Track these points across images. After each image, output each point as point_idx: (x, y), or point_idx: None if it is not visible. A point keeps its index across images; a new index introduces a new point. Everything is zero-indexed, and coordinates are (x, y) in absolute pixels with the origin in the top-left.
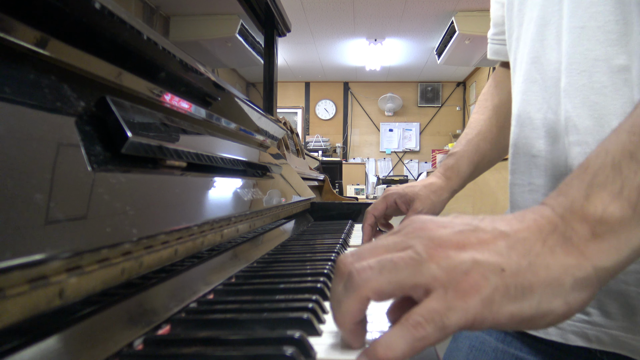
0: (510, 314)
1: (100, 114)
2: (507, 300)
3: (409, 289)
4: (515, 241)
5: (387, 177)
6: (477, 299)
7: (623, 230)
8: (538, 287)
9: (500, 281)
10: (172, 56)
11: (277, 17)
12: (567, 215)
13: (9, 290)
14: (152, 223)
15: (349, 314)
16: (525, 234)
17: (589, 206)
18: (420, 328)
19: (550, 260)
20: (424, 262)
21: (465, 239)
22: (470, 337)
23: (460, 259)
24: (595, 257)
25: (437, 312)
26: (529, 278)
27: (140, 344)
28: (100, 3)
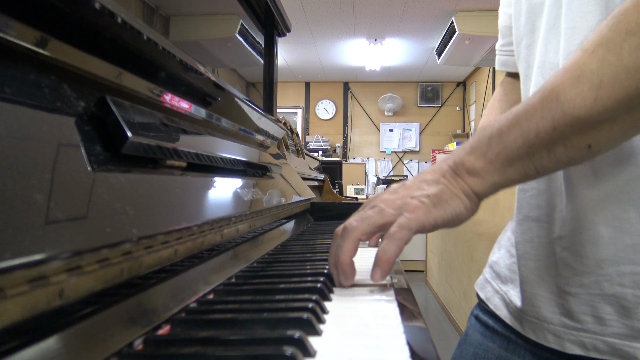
0: (440, 216)
1: (100, 114)
2: (436, 210)
3: (381, 226)
4: (430, 180)
5: (387, 177)
6: (420, 211)
7: (484, 174)
8: (449, 199)
9: (429, 200)
10: (172, 56)
11: (277, 17)
12: (457, 162)
13: (9, 290)
14: (152, 223)
15: (348, 251)
16: (434, 175)
17: (467, 159)
18: (397, 234)
19: (450, 186)
20: (385, 209)
21: (403, 192)
22: (475, 344)
23: (403, 200)
24: (471, 184)
25: (404, 223)
26: (443, 196)
27: (140, 343)
28: (100, 3)
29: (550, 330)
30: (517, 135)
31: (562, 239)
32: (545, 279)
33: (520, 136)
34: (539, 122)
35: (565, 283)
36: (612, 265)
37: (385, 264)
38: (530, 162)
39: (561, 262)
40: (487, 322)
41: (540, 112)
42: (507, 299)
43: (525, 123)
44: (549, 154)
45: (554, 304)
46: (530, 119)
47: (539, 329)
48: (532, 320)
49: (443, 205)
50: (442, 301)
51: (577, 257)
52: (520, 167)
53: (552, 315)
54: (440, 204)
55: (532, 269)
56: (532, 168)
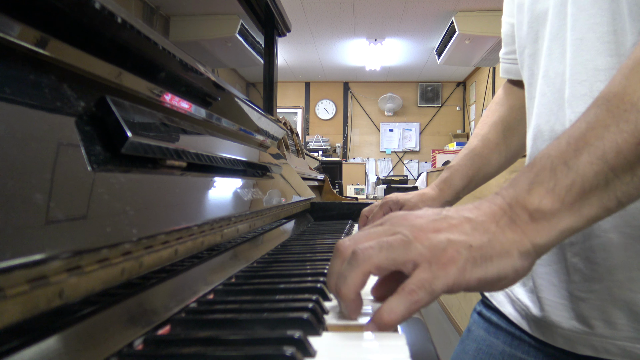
0: (478, 278)
1: (100, 114)
2: (475, 268)
3: (401, 264)
4: (477, 223)
5: (387, 177)
6: (454, 268)
7: (553, 218)
8: (496, 257)
9: (469, 254)
10: (172, 56)
11: (277, 17)
12: (513, 203)
13: (9, 290)
14: (152, 223)
15: (354, 285)
16: (483, 217)
17: (529, 198)
18: (414, 294)
19: (502, 238)
20: (412, 242)
21: (439, 225)
22: (478, 340)
23: (439, 239)
24: (532, 235)
25: (426, 281)
26: (489, 251)
27: (140, 344)
28: (100, 3)
29: (560, 334)
30: (592, 158)
31: (573, 245)
32: (556, 283)
33: (596, 158)
34: (617, 137)
35: (576, 288)
36: (622, 271)
37: (386, 327)
38: (611, 191)
39: (572, 268)
40: (490, 318)
41: (614, 125)
42: (512, 296)
43: (598, 142)
44: (632, 177)
45: (564, 309)
46: (604, 137)
47: (548, 331)
48: (542, 323)
49: (486, 263)
50: (442, 301)
51: (588, 263)
52: (598, 201)
53: (562, 319)
54: (483, 262)
55: (542, 274)
56: (613, 199)
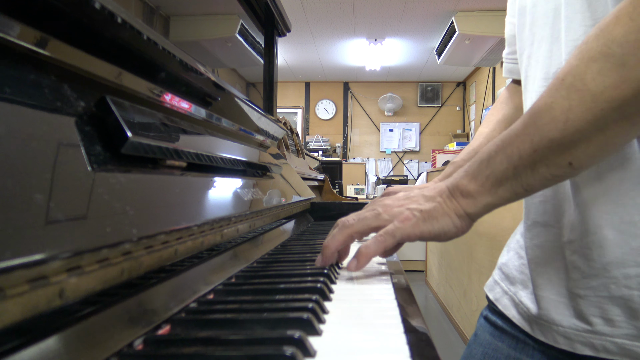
0: (428, 230)
1: (100, 114)
2: (425, 224)
3: (374, 228)
4: (428, 197)
5: (387, 177)
6: (409, 223)
7: (476, 196)
8: (439, 217)
9: (420, 215)
10: (172, 56)
11: (277, 17)
12: (452, 184)
13: (9, 290)
14: (152, 223)
15: (338, 242)
16: (433, 193)
17: (462, 182)
18: (381, 237)
19: (444, 205)
20: (381, 214)
21: (402, 202)
22: (484, 344)
23: (400, 210)
24: (464, 205)
25: (390, 230)
26: (434, 213)
27: (140, 343)
28: (100, 3)
29: (560, 333)
30: (503, 159)
31: (571, 242)
32: (555, 282)
33: (505, 159)
34: (520, 145)
35: (575, 285)
36: (618, 267)
37: (363, 258)
38: (518, 182)
39: (571, 265)
40: (496, 322)
41: (521, 136)
42: (516, 300)
43: (509, 147)
44: (533, 174)
45: (563, 307)
46: (513, 143)
47: (548, 330)
48: (542, 322)
49: (432, 221)
50: (442, 301)
51: (585, 260)
52: (509, 187)
53: (562, 317)
54: (430, 219)
55: (542, 272)
56: (519, 187)
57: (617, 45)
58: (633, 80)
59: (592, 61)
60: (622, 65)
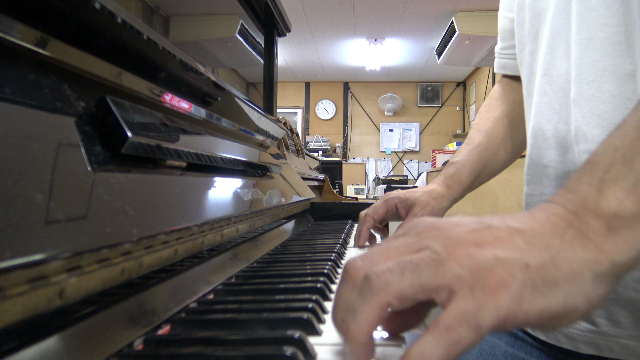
0: (540, 310)
1: (100, 114)
2: (536, 296)
3: (432, 291)
4: (533, 237)
5: (387, 177)
6: (507, 295)
7: (638, 225)
8: (563, 282)
9: (527, 276)
10: (172, 56)
11: (277, 17)
12: (580, 211)
13: (9, 290)
14: (152, 223)
15: (367, 323)
16: (540, 229)
17: (603, 201)
18: (454, 331)
19: (571, 255)
20: (446, 261)
21: (482, 237)
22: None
23: (483, 257)
24: (612, 251)
25: (469, 313)
26: (554, 273)
27: (140, 344)
28: (100, 3)
29: (563, 333)
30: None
31: None
32: None
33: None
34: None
35: None
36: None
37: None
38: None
39: None
40: None
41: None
42: None
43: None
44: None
45: None
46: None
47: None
48: None
49: (550, 290)
50: None
51: None
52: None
53: None
54: (547, 287)
55: None
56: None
57: None
58: None
59: None
60: None
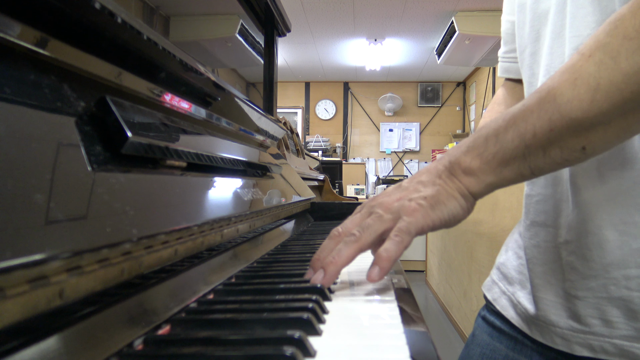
0: (439, 218)
1: (100, 114)
2: (434, 211)
3: (382, 233)
4: (427, 181)
5: (387, 177)
6: (419, 214)
7: (479, 174)
8: (445, 200)
9: (426, 202)
10: (172, 56)
11: (277, 17)
12: (453, 161)
13: (9, 290)
14: (152, 223)
15: (346, 258)
16: (430, 176)
17: (463, 159)
18: (398, 237)
19: (446, 187)
20: (383, 215)
21: (400, 195)
22: (482, 344)
23: (401, 203)
24: (466, 185)
25: (403, 227)
26: (439, 197)
27: (140, 344)
28: (100, 3)
29: (557, 334)
30: (514, 136)
31: (568, 243)
32: (553, 282)
33: (517, 136)
34: (535, 122)
35: (572, 287)
36: (618, 268)
37: (385, 262)
38: (526, 162)
39: (568, 266)
40: (494, 322)
41: (537, 113)
42: (514, 300)
43: (522, 124)
44: (544, 155)
45: (561, 308)
46: (527, 120)
47: (546, 331)
48: (539, 323)
49: (440, 206)
50: (442, 301)
51: (584, 261)
52: (515, 168)
53: (559, 318)
54: (438, 205)
55: (539, 273)
56: (527, 168)
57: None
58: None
59: (628, 39)
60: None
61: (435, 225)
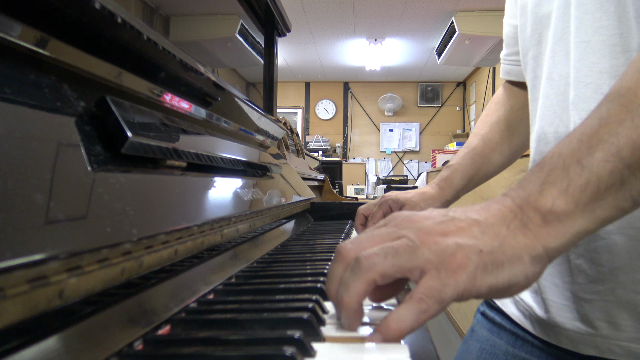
0: (489, 285)
1: (100, 114)
2: (486, 275)
3: (408, 271)
4: (486, 227)
5: (387, 177)
6: (464, 275)
7: (566, 220)
8: (507, 263)
9: (480, 260)
10: (172, 56)
11: (277, 17)
12: (524, 205)
13: (9, 290)
14: (152, 223)
15: (357, 295)
16: (492, 220)
17: (541, 199)
18: (424, 303)
19: (513, 242)
20: (418, 247)
21: (447, 227)
22: (481, 340)
23: (447, 244)
24: (545, 239)
25: (435, 289)
26: (500, 256)
27: (140, 344)
28: (100, 3)
29: (564, 335)
30: (607, 156)
31: (577, 246)
32: (560, 285)
33: (610, 156)
34: (632, 133)
35: (580, 290)
36: (626, 272)
37: (393, 334)
38: (627, 190)
39: (576, 269)
40: (494, 318)
41: (629, 120)
42: (516, 297)
43: (612, 139)
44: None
45: (568, 310)
46: (618, 132)
47: (551, 332)
48: (545, 324)
49: (497, 270)
50: None
51: (592, 265)
52: (613, 201)
53: (566, 320)
54: (495, 267)
55: (546, 275)
56: (628, 198)
57: None
58: None
59: None
60: None
61: (480, 294)
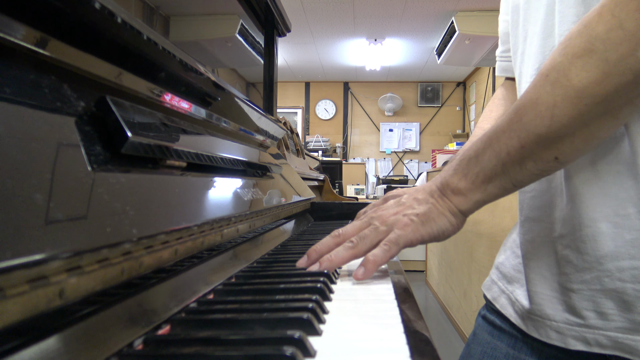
0: (428, 232)
1: (100, 113)
2: (424, 226)
3: (376, 243)
4: (421, 199)
5: (387, 177)
6: (409, 229)
7: (468, 193)
8: (435, 217)
9: (418, 219)
10: (172, 56)
11: (277, 17)
12: (443, 184)
13: (9, 290)
14: (152, 223)
15: (342, 259)
16: (424, 195)
17: (452, 180)
18: (387, 246)
19: (438, 206)
20: (379, 227)
21: (398, 209)
22: (483, 343)
23: (396, 217)
24: (457, 204)
25: (393, 238)
26: (430, 214)
27: (140, 344)
28: (100, 3)
29: (552, 328)
30: (491, 156)
31: (563, 237)
32: (548, 277)
33: (494, 156)
34: (507, 142)
35: (567, 280)
36: (612, 260)
37: (371, 265)
38: (507, 177)
39: (563, 260)
40: (494, 321)
41: (508, 132)
42: (512, 299)
43: (497, 144)
44: (521, 169)
45: (556, 301)
46: (500, 140)
47: (541, 326)
48: (536, 319)
49: (430, 223)
50: (442, 301)
51: (578, 254)
52: (498, 183)
53: (555, 312)
54: (428, 222)
55: (534, 267)
56: (508, 183)
57: (600, 41)
58: (615, 76)
59: (576, 57)
60: (605, 61)
61: (424, 239)
